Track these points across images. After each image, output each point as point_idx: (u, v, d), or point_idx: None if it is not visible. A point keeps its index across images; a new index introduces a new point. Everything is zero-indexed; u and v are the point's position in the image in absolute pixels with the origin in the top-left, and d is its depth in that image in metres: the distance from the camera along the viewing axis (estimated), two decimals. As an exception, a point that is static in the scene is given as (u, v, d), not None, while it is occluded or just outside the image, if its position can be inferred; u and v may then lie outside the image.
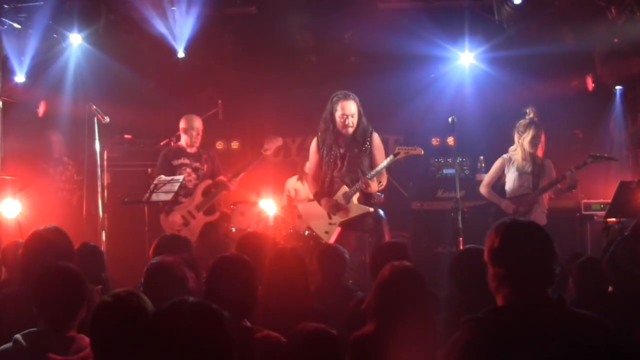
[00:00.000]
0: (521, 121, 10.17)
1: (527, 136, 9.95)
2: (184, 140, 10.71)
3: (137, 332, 3.78)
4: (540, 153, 10.04)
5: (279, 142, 10.73)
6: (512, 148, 10.19)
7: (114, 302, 4.11)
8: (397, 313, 4.61)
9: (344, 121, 9.11)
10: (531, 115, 10.20)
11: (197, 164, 10.64)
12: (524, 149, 10.00)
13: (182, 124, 10.69)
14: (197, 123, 10.70)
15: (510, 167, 10.02)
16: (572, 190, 9.93)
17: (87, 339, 4.33)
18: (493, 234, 3.66)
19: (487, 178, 10.33)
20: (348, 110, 9.10)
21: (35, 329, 4.54)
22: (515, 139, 10.14)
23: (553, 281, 3.56)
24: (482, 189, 10.27)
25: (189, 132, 10.63)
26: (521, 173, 9.92)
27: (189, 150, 10.65)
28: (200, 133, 10.69)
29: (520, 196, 9.87)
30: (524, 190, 9.92)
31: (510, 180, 10.02)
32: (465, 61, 12.34)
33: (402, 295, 4.67)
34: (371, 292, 4.87)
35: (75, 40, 11.48)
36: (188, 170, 10.54)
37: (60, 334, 4.51)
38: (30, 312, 4.67)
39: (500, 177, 10.23)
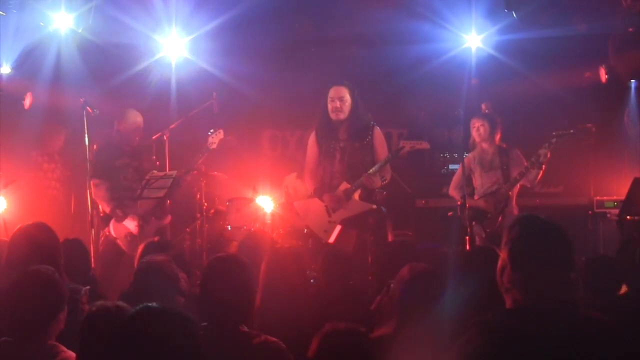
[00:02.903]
0: None
1: (473, 130, 9.68)
2: (121, 137, 10.06)
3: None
4: (497, 138, 9.61)
5: (220, 135, 10.18)
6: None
7: (106, 314, 4.06)
8: (418, 314, 4.63)
9: (333, 105, 9.01)
10: (484, 108, 9.90)
11: (137, 163, 10.08)
12: (477, 142, 9.73)
13: (120, 120, 10.08)
14: (139, 118, 10.15)
15: (477, 165, 9.62)
16: (541, 168, 9.35)
17: (61, 347, 4.33)
18: (511, 229, 3.52)
19: (454, 180, 10.09)
20: (336, 94, 9.02)
21: (9, 338, 4.39)
22: None
23: (568, 284, 3.45)
24: (452, 192, 10.03)
25: (130, 128, 10.04)
26: (488, 170, 9.52)
27: (126, 148, 10.04)
28: (141, 129, 10.15)
29: (492, 193, 9.46)
30: (494, 187, 9.50)
31: (478, 178, 9.68)
32: (471, 45, 12.01)
33: (422, 296, 4.71)
34: (394, 294, 4.88)
35: (63, 24, 11.00)
36: (131, 170, 9.97)
37: (37, 343, 4.33)
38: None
39: (470, 177, 9.79)
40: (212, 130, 10.08)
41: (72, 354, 4.27)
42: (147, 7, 11.53)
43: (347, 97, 8.96)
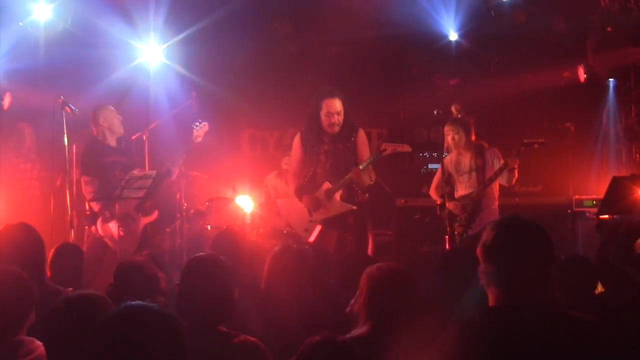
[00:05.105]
0: None
1: (446, 136, 9.51)
2: (104, 133, 9.86)
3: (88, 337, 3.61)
4: (473, 141, 9.53)
5: (205, 127, 9.99)
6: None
7: (65, 306, 4.02)
8: (392, 314, 4.59)
9: (330, 120, 8.86)
10: (455, 113, 9.83)
11: (125, 159, 9.92)
12: (452, 148, 9.58)
13: (97, 115, 9.85)
14: (108, 110, 9.91)
15: (453, 168, 9.60)
16: (513, 172, 9.25)
17: (37, 342, 4.22)
18: (489, 229, 3.52)
19: (434, 181, 9.93)
20: (333, 109, 8.85)
21: None
22: None
23: (548, 284, 3.44)
24: (431, 192, 9.89)
25: (112, 120, 9.87)
26: (462, 173, 9.49)
27: (111, 143, 9.89)
28: (118, 117, 9.96)
29: (464, 196, 9.44)
30: (469, 189, 9.46)
31: (457, 182, 9.67)
32: (450, 43, 12.07)
33: (395, 295, 4.65)
34: (362, 293, 4.77)
35: (42, 15, 10.89)
36: (119, 167, 9.78)
37: (5, 339, 4.23)
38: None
39: (449, 179, 9.71)
40: (197, 123, 9.97)
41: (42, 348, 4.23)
42: (126, 13, 11.51)
43: (342, 109, 8.86)
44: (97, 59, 11.65)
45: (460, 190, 9.55)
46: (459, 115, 9.77)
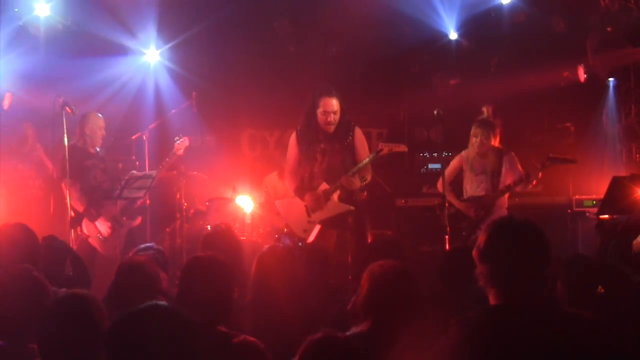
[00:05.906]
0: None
1: (472, 137, 9.49)
2: (85, 140, 9.99)
3: (85, 337, 3.76)
4: (495, 143, 9.51)
5: (185, 142, 10.23)
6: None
7: (56, 306, 3.95)
8: (392, 311, 4.59)
9: (326, 118, 8.85)
10: (485, 114, 9.77)
11: (104, 165, 10.10)
12: (474, 149, 9.53)
13: (85, 123, 10.00)
14: (100, 121, 10.11)
15: (468, 166, 9.55)
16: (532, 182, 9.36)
17: None
18: (484, 231, 3.58)
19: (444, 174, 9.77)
20: (330, 108, 8.84)
21: None
22: None
23: (544, 282, 3.49)
24: (439, 185, 9.74)
25: (95, 131, 10.02)
26: (477, 174, 9.44)
27: (91, 150, 10.03)
28: (103, 130, 10.13)
29: (477, 198, 9.41)
30: (481, 191, 9.43)
31: (468, 180, 9.60)
32: (450, 42, 12.06)
33: (396, 292, 4.65)
34: (363, 291, 4.77)
35: (42, 14, 10.88)
36: (98, 172, 9.96)
37: (21, 347, 4.19)
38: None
39: (459, 175, 9.71)
40: (177, 138, 10.09)
41: None
42: (127, 14, 11.52)
43: (338, 108, 8.86)
44: (98, 59, 11.66)
45: (470, 190, 9.53)
46: (490, 119, 9.70)
